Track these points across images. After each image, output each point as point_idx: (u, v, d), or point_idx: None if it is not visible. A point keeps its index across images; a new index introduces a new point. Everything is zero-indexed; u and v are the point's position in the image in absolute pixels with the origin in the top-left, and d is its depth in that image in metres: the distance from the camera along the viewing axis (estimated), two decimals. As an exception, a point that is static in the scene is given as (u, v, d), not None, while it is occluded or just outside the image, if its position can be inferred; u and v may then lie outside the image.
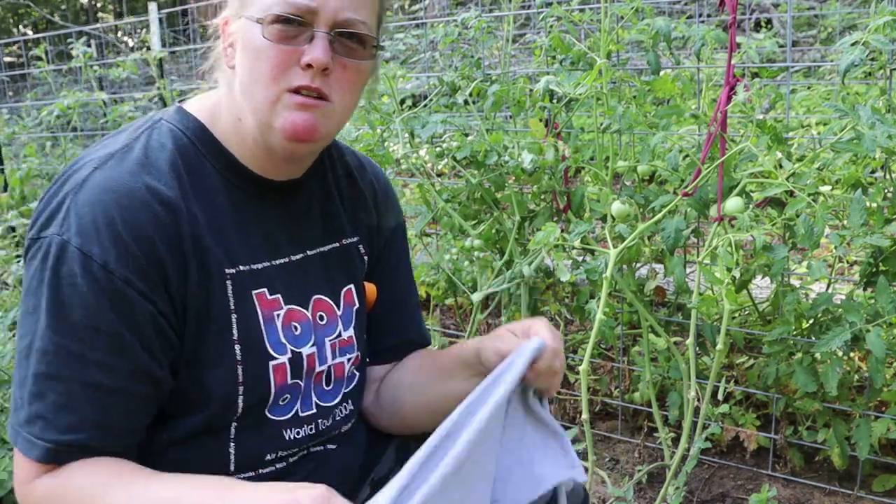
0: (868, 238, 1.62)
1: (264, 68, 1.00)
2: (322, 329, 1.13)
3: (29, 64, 5.25)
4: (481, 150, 2.21)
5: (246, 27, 1.01)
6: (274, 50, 0.99)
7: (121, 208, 0.94)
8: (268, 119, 1.01)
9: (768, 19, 5.88)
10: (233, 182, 1.06)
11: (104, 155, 0.99)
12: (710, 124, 1.84)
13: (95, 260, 0.92)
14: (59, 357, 0.92)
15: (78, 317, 0.92)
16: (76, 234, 0.92)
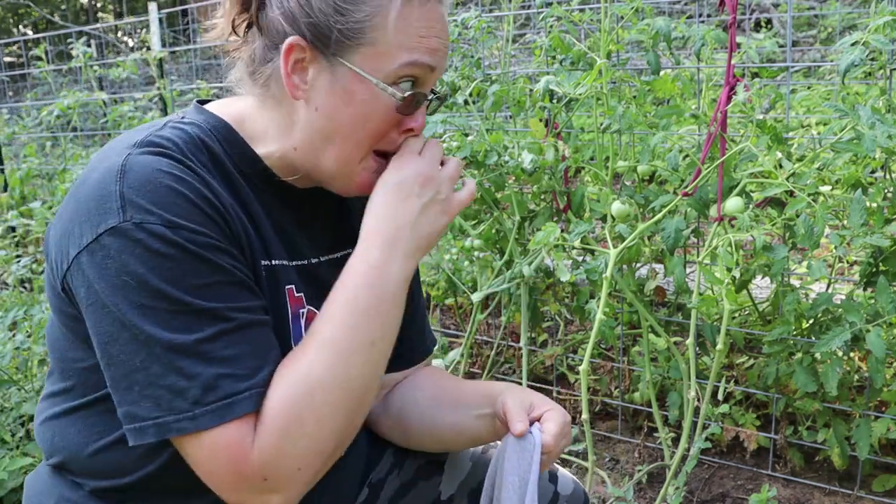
0: (868, 238, 1.62)
1: (369, 132, 0.97)
2: None
3: (29, 64, 5.26)
4: (481, 150, 2.21)
5: (355, 80, 0.95)
6: (389, 117, 0.97)
7: (177, 181, 0.90)
8: (349, 174, 1.00)
9: (768, 19, 5.88)
10: (255, 183, 1.03)
11: (130, 143, 0.94)
12: (710, 124, 1.84)
13: (184, 228, 0.88)
14: (203, 319, 0.88)
15: (192, 280, 0.88)
16: (150, 213, 0.87)
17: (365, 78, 0.94)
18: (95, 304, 0.88)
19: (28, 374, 2.45)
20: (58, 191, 4.14)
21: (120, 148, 0.94)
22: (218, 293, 0.89)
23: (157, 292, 0.86)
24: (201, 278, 0.88)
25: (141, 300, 0.86)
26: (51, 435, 1.04)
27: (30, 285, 3.80)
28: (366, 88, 0.95)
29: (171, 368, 0.86)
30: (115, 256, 0.86)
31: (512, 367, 2.80)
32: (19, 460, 2.04)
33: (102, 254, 0.87)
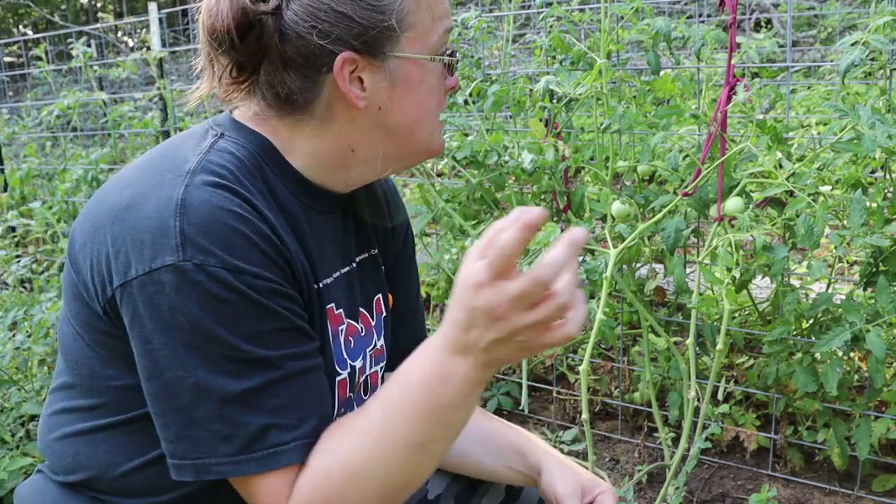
0: (868, 238, 1.62)
1: (436, 102, 1.02)
2: (363, 340, 1.13)
3: (29, 64, 5.25)
4: (481, 150, 2.21)
5: (408, 67, 0.98)
6: (442, 82, 1.02)
7: (241, 220, 0.88)
8: (427, 147, 1.05)
9: (768, 19, 5.88)
10: (304, 201, 1.02)
11: (182, 172, 0.90)
12: (710, 124, 1.84)
13: (245, 273, 0.86)
14: (255, 368, 0.87)
15: (248, 327, 0.87)
16: (210, 255, 0.85)
17: (418, 60, 0.98)
18: (141, 338, 0.87)
19: (28, 374, 2.45)
20: (58, 191, 4.14)
21: (172, 174, 0.90)
22: (272, 341, 0.89)
23: (210, 336, 0.85)
24: (257, 325, 0.87)
25: (193, 342, 0.85)
26: (73, 452, 1.02)
27: (30, 285, 3.80)
28: (420, 69, 0.98)
29: (218, 415, 0.86)
30: (169, 294, 0.85)
31: (512, 367, 2.81)
32: (19, 460, 2.04)
33: (155, 289, 0.85)
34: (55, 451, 1.04)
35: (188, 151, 0.95)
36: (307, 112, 0.98)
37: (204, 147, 0.95)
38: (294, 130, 1.00)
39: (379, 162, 1.04)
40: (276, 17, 0.92)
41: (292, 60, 0.94)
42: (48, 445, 1.05)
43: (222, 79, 0.98)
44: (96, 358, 0.98)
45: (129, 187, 0.92)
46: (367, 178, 1.08)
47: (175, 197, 0.87)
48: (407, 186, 3.55)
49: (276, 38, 0.92)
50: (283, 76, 0.95)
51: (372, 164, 1.04)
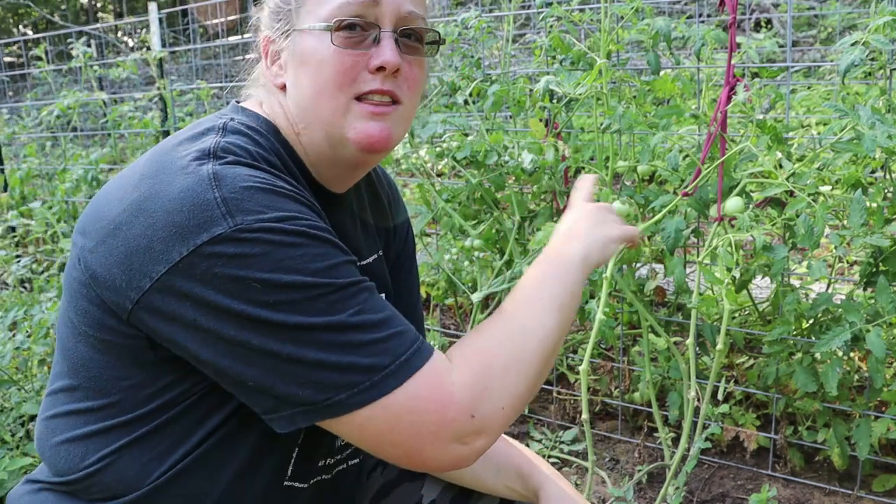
0: (868, 238, 1.62)
1: (330, 77, 0.97)
2: None
3: (29, 64, 5.26)
4: (481, 150, 2.22)
5: (303, 40, 0.98)
6: (340, 56, 0.96)
7: (273, 180, 0.89)
8: (339, 131, 0.99)
9: (768, 19, 5.88)
10: (309, 190, 1.02)
11: (202, 151, 0.91)
12: (710, 124, 1.84)
13: (299, 218, 0.87)
14: (344, 297, 0.86)
15: (321, 263, 0.86)
16: (261, 213, 0.85)
17: (309, 31, 0.98)
18: (208, 316, 0.85)
19: (28, 374, 2.45)
20: (58, 191, 4.14)
21: (191, 157, 0.90)
22: (346, 270, 0.89)
23: (289, 285, 0.84)
24: (329, 260, 0.87)
25: (271, 298, 0.84)
26: (82, 453, 0.98)
27: (30, 285, 3.81)
28: (310, 40, 0.98)
29: (333, 347, 0.84)
30: (231, 262, 0.83)
31: (512, 367, 2.80)
32: (19, 460, 2.04)
33: (210, 263, 0.83)
34: (59, 455, 1.01)
35: (200, 137, 0.95)
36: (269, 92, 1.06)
37: (217, 127, 0.96)
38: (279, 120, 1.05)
39: (318, 149, 1.03)
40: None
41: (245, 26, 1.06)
42: (49, 449, 1.02)
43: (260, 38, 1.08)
44: (104, 359, 0.96)
45: (144, 179, 0.91)
46: (334, 176, 1.06)
47: (205, 173, 0.87)
48: (407, 186, 3.55)
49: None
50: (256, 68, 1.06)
51: (319, 154, 1.03)
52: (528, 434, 2.52)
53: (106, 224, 0.91)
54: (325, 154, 1.02)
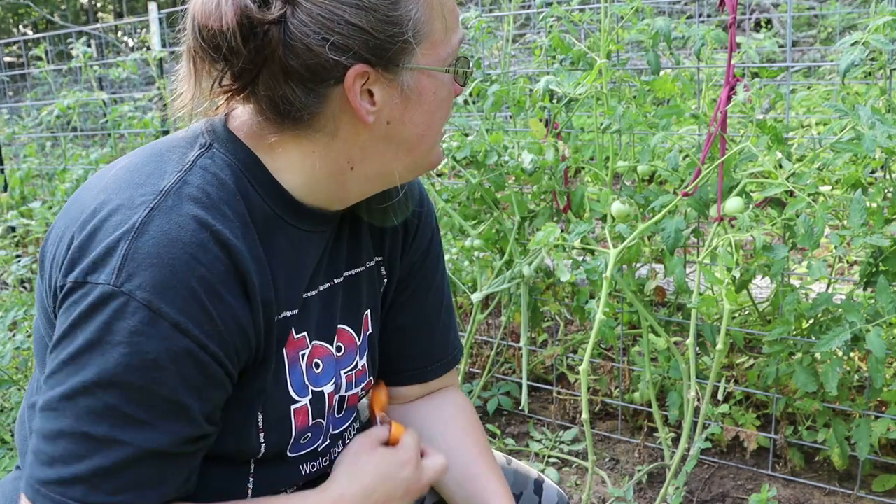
0: (868, 238, 1.62)
1: (445, 114, 0.97)
2: (340, 361, 1.07)
3: (29, 64, 5.26)
4: (481, 150, 2.22)
5: (420, 78, 0.91)
6: (453, 93, 0.97)
7: (193, 261, 0.82)
8: (428, 161, 1.00)
9: (768, 19, 5.88)
10: (288, 220, 0.96)
11: (156, 191, 0.86)
12: (710, 124, 1.84)
13: (166, 319, 0.81)
14: (110, 420, 0.81)
15: (136, 378, 0.81)
16: (141, 289, 0.80)
17: (431, 72, 0.92)
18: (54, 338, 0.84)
19: (28, 375, 2.45)
20: (58, 191, 4.14)
21: (145, 189, 0.86)
22: (156, 407, 0.81)
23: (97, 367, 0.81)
24: (152, 383, 0.82)
25: (77, 356, 0.81)
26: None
27: (30, 285, 3.81)
28: (432, 81, 0.93)
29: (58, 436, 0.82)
30: (83, 311, 0.81)
31: (512, 367, 2.81)
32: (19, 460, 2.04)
33: (74, 300, 0.82)
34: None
35: (170, 165, 0.90)
36: (310, 127, 0.92)
37: (187, 162, 0.90)
38: (292, 146, 0.94)
39: (378, 178, 0.98)
40: (280, 25, 0.84)
41: (296, 72, 0.86)
42: (22, 441, 1.03)
43: (213, 88, 0.89)
44: None
45: (103, 192, 0.88)
46: (363, 194, 1.01)
47: (136, 219, 0.83)
48: (407, 186, 3.55)
49: (280, 49, 0.85)
50: (285, 89, 0.88)
51: (371, 181, 0.98)
52: (528, 434, 2.52)
53: (62, 226, 0.90)
54: (373, 182, 0.99)
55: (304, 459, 1.06)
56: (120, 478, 0.83)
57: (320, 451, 1.07)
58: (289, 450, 1.02)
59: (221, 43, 0.85)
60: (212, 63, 0.88)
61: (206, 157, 0.91)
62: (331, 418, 1.08)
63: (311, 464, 1.07)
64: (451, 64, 0.94)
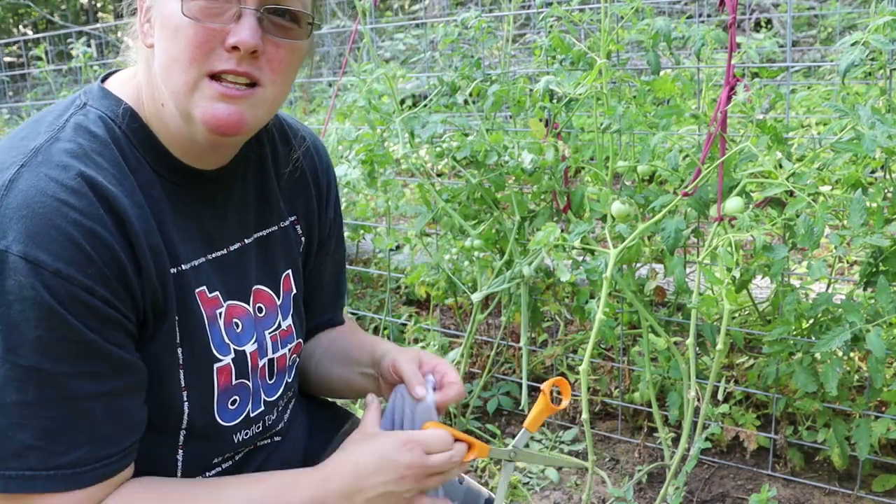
0: (868, 238, 1.62)
1: (182, 49, 0.88)
2: (261, 322, 1.07)
3: (29, 64, 5.26)
4: (481, 150, 2.21)
5: (163, 1, 0.90)
6: (193, 28, 0.87)
7: (65, 207, 0.82)
8: (186, 107, 0.91)
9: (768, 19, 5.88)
10: (164, 175, 0.96)
11: (27, 150, 0.86)
12: (710, 124, 1.84)
13: (45, 268, 0.80)
14: (31, 380, 0.81)
15: (40, 332, 0.80)
16: (16, 242, 0.79)
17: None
18: None
19: None
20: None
21: (17, 151, 0.86)
22: (67, 353, 0.82)
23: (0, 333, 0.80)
24: (47, 332, 0.81)
25: None
26: None
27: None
28: (170, 4, 0.89)
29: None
30: None
31: (512, 367, 2.81)
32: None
33: None
34: None
35: (43, 126, 0.91)
36: (137, 62, 0.97)
37: (61, 122, 0.91)
38: (146, 84, 0.96)
39: (182, 123, 0.94)
40: None
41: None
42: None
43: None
44: None
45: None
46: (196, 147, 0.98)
47: (5, 178, 0.83)
48: (407, 186, 3.55)
49: None
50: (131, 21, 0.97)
51: (178, 126, 0.95)
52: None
53: None
54: (182, 131, 0.95)
55: (237, 428, 1.05)
56: (65, 435, 0.83)
57: (252, 416, 1.06)
58: (219, 416, 1.01)
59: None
60: None
61: (80, 115, 0.93)
62: (261, 383, 1.07)
63: (244, 431, 1.06)
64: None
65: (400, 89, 2.71)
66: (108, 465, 0.87)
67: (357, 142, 2.42)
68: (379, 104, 2.43)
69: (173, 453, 0.99)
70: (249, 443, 1.08)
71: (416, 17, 5.76)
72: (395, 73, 2.39)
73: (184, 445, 1.00)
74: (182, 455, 1.00)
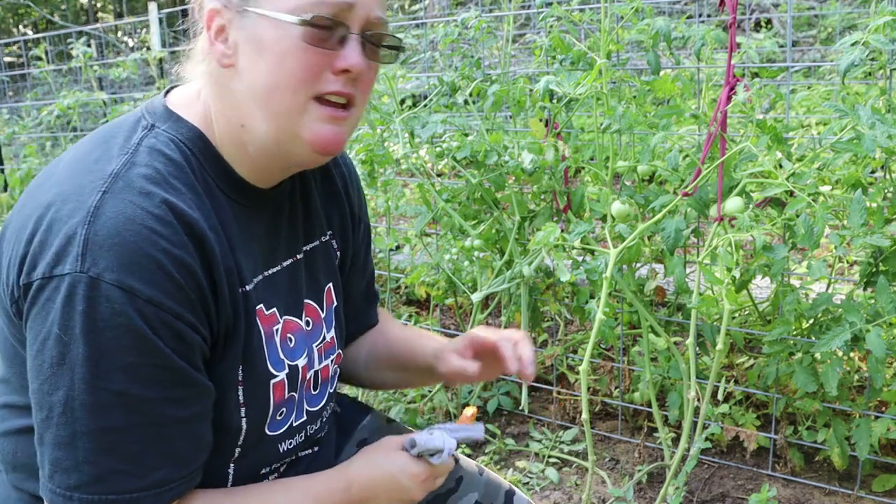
0: (868, 238, 1.62)
1: (291, 72, 0.90)
2: (309, 335, 1.10)
3: (29, 64, 5.26)
4: (481, 150, 2.21)
5: (262, 25, 0.90)
6: (307, 53, 0.90)
7: (153, 234, 0.84)
8: (293, 129, 0.93)
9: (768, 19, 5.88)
10: (232, 196, 0.98)
11: (105, 174, 0.87)
12: (710, 124, 1.84)
13: (139, 296, 0.82)
14: (120, 405, 0.83)
15: (132, 358, 0.82)
16: (108, 270, 0.81)
17: (272, 18, 0.90)
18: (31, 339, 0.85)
19: None
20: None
21: (94, 176, 0.88)
22: (157, 378, 0.84)
23: (87, 359, 0.82)
24: (145, 358, 0.83)
25: (66, 360, 0.82)
26: (13, 449, 0.99)
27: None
28: (275, 29, 0.90)
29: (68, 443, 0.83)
30: (58, 305, 0.82)
31: (512, 367, 2.80)
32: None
33: (48, 296, 0.83)
34: (2, 447, 1.01)
35: (115, 149, 0.91)
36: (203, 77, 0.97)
37: (132, 144, 0.92)
38: (218, 104, 0.97)
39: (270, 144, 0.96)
40: None
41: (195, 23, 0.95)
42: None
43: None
44: (22, 358, 0.93)
45: (55, 185, 0.89)
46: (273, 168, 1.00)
47: (90, 204, 0.84)
48: (407, 186, 3.55)
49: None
50: (202, 36, 0.95)
51: (265, 147, 0.96)
52: (528, 434, 2.52)
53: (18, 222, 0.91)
54: (267, 148, 0.97)
55: (282, 437, 1.07)
56: (148, 458, 0.85)
57: (295, 426, 1.09)
58: (267, 427, 1.04)
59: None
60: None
61: (151, 137, 0.93)
62: (306, 394, 1.10)
63: (288, 441, 1.09)
64: (302, 18, 0.90)
65: (400, 89, 2.71)
66: (183, 484, 0.90)
67: (357, 142, 2.42)
68: (379, 104, 2.43)
69: (226, 466, 1.02)
70: (292, 453, 1.11)
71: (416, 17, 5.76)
72: (395, 73, 2.39)
73: (236, 459, 1.02)
74: (234, 468, 1.03)
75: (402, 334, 1.32)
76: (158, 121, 0.96)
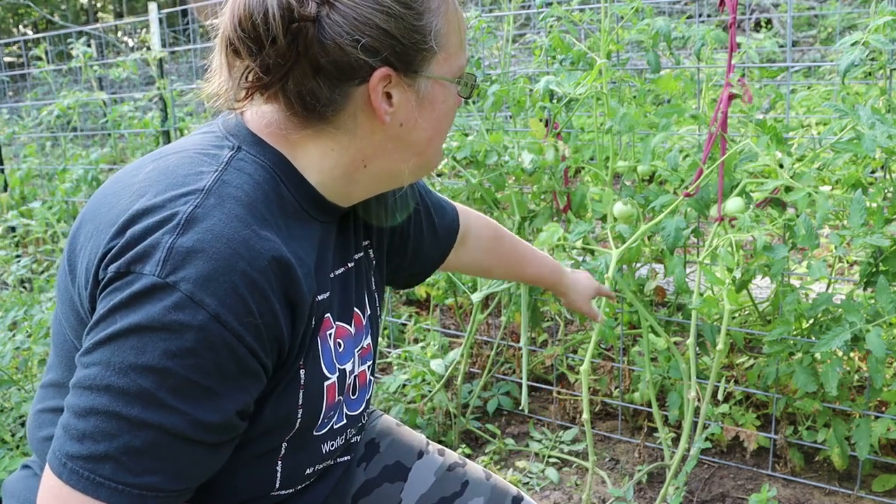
0: (868, 238, 1.62)
1: (449, 123, 1.05)
2: (353, 341, 1.12)
3: (29, 64, 5.26)
4: (481, 150, 2.22)
5: (433, 86, 0.98)
6: (457, 103, 1.04)
7: (235, 256, 0.85)
8: (430, 165, 1.07)
9: (768, 19, 5.88)
10: (310, 213, 1.01)
11: (197, 189, 0.89)
12: (711, 124, 1.84)
13: (207, 310, 0.83)
14: (141, 400, 0.83)
15: (171, 364, 0.83)
16: (185, 281, 0.83)
17: (443, 82, 0.99)
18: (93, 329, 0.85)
19: (28, 375, 2.45)
20: (58, 191, 4.14)
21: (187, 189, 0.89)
22: (189, 394, 0.84)
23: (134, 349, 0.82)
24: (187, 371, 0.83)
25: (114, 338, 0.83)
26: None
27: (30, 285, 3.80)
28: (443, 90, 1.00)
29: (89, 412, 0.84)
30: (127, 302, 0.83)
31: (512, 367, 2.81)
32: (19, 460, 2.04)
33: (117, 287, 0.84)
34: (43, 450, 1.02)
35: (204, 165, 0.93)
36: (331, 124, 0.97)
37: (221, 162, 0.94)
38: (311, 144, 0.99)
39: (386, 178, 1.05)
40: (316, 23, 0.89)
41: (326, 69, 0.92)
42: (37, 443, 1.04)
43: (241, 81, 0.93)
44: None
45: (138, 194, 0.91)
46: (368, 193, 1.08)
47: (181, 216, 0.86)
48: (407, 186, 3.55)
49: (314, 46, 0.90)
50: (314, 84, 0.92)
51: (379, 180, 1.04)
52: (528, 434, 2.52)
53: (94, 227, 0.92)
54: (380, 182, 1.05)
55: (325, 438, 1.09)
56: (148, 459, 0.85)
57: (337, 429, 1.11)
58: (315, 427, 1.06)
59: (262, 35, 0.89)
60: (248, 55, 0.91)
61: (239, 159, 0.96)
62: (347, 397, 1.12)
63: (330, 442, 1.11)
64: (460, 76, 1.01)
65: (400, 89, 2.71)
66: (170, 498, 0.89)
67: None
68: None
69: (274, 464, 1.04)
70: (332, 455, 1.13)
71: (416, 17, 5.76)
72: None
73: (283, 457, 1.04)
74: (281, 467, 1.04)
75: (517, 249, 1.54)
76: (244, 143, 0.98)
